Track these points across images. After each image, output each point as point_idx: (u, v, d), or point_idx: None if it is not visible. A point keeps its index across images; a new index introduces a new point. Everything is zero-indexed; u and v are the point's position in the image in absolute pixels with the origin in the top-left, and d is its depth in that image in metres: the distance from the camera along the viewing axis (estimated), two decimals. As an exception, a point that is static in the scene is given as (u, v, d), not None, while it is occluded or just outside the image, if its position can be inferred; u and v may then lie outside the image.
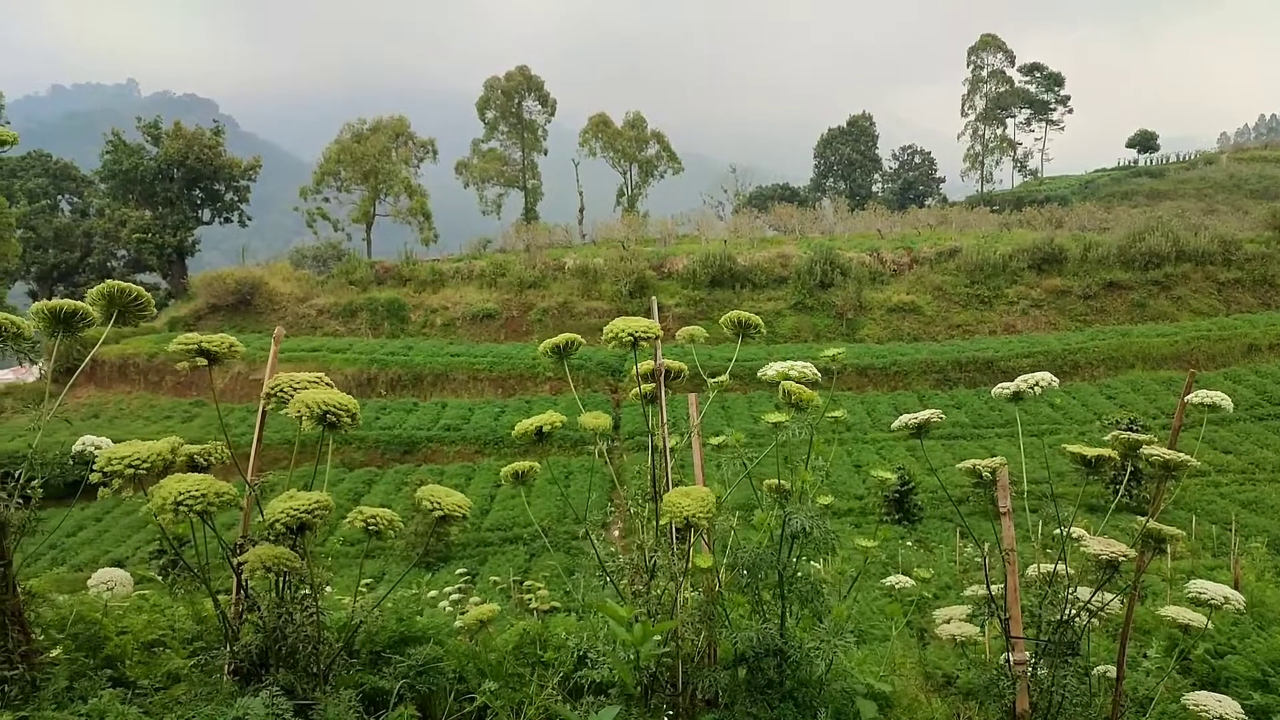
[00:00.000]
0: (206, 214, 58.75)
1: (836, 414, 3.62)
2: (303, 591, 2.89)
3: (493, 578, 14.56)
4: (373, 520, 2.93)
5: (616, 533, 30.44)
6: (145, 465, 2.44)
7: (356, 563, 22.56)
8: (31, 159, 59.60)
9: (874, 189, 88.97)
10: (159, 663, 3.42)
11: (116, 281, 3.02)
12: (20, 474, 2.56)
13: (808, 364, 3.50)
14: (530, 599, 9.90)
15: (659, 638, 2.82)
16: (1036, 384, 3.70)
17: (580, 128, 72.36)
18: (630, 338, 2.94)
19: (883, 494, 26.42)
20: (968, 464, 3.64)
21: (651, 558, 3.18)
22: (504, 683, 3.97)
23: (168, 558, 22.45)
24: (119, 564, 25.77)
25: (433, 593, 12.44)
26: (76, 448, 2.81)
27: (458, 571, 14.69)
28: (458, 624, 4.57)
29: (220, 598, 3.68)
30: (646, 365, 3.31)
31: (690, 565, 3.08)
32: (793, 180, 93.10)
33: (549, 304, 48.57)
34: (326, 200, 60.12)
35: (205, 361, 2.73)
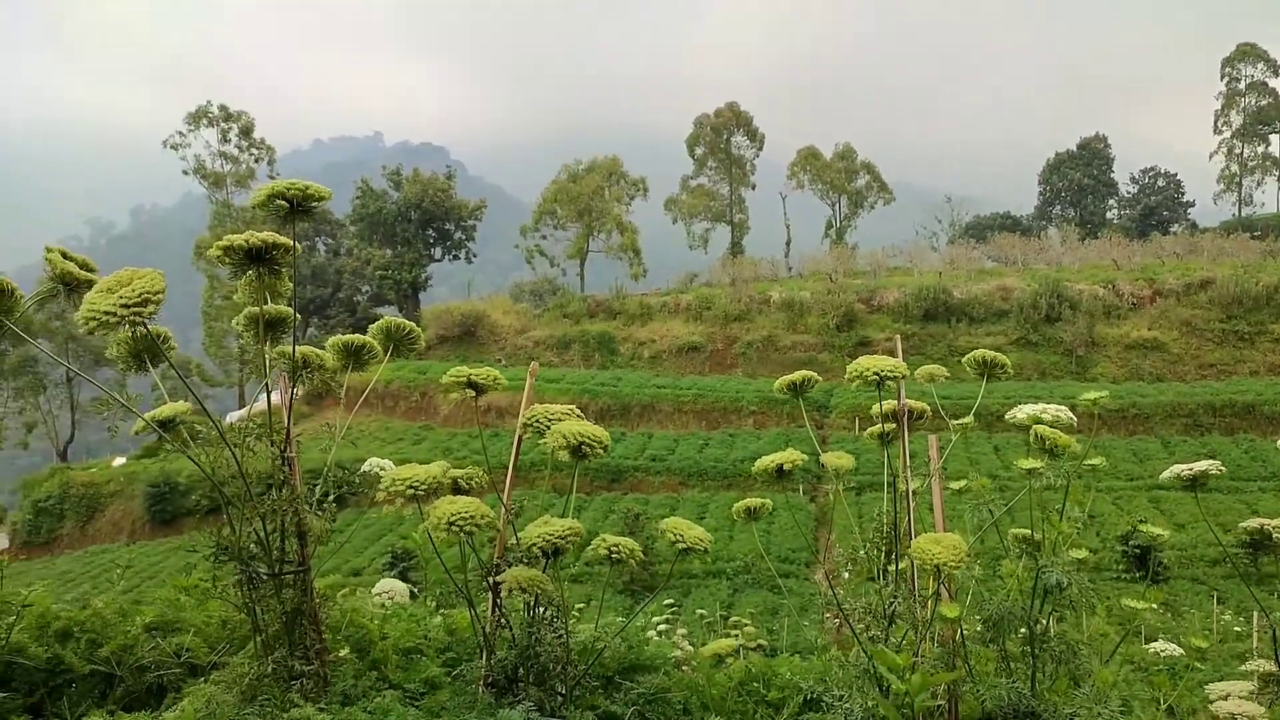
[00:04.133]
0: (438, 252, 63.80)
1: (1095, 462, 3.36)
2: (549, 612, 3.04)
3: (699, 610, 14.62)
4: (615, 548, 3.04)
5: (824, 573, 29.61)
6: (423, 487, 2.69)
7: (565, 587, 23.33)
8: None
9: (1108, 216, 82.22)
10: (417, 669, 3.70)
11: (393, 318, 3.35)
12: (318, 488, 2.88)
13: (1062, 407, 3.29)
14: (736, 635, 9.85)
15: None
16: (1339, 436, 3.26)
17: (787, 161, 72.20)
18: (876, 376, 2.90)
19: (1120, 549, 24.10)
20: (1254, 522, 3.26)
21: (891, 604, 3.08)
22: (727, 718, 3.96)
23: (401, 569, 24.26)
24: (356, 573, 28.18)
25: (639, 622, 12.65)
26: (365, 467, 3.13)
27: (665, 602, 14.83)
28: (676, 654, 4.63)
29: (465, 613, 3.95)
30: (890, 404, 3.23)
31: (934, 614, 2.96)
32: (1014, 208, 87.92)
33: (753, 337, 48.53)
34: (544, 238, 63.55)
35: (473, 392, 2.97)
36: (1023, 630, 3.24)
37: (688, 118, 72.41)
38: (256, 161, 62.82)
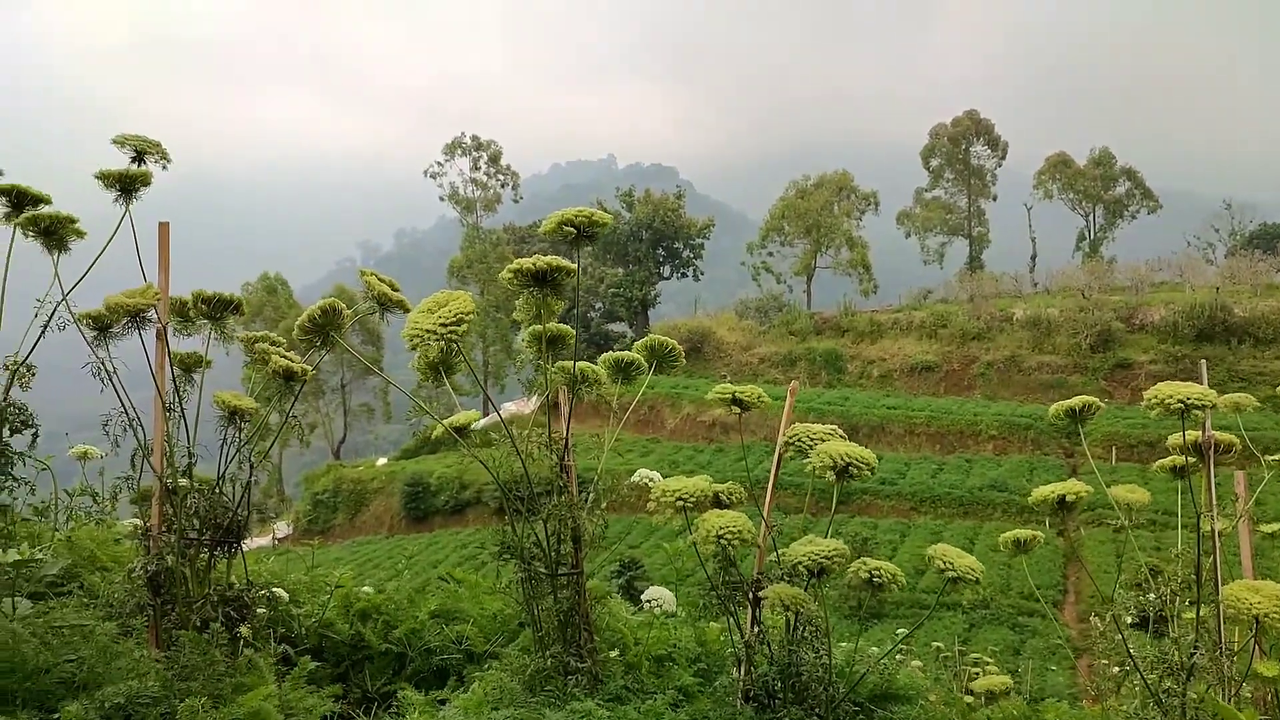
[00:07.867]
0: (666, 270, 65.46)
1: None
2: (809, 631, 3.03)
3: (935, 643, 13.88)
4: (877, 572, 2.98)
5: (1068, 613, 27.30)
6: (690, 499, 2.78)
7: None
8: (538, 227, 71.84)
9: None
10: (669, 676, 3.81)
11: (657, 336, 3.52)
12: (589, 495, 3.05)
13: None
14: (978, 674, 9.29)
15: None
16: None
17: (1031, 170, 67.63)
18: (1180, 404, 2.65)
19: None
20: None
21: (1191, 655, 2.79)
22: (986, 762, 3.75)
23: (628, 577, 24.99)
24: (589, 577, 29.32)
25: (874, 650, 12.24)
26: (634, 479, 3.29)
27: (898, 631, 14.26)
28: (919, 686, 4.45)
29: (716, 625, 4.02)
30: (1193, 435, 2.95)
31: (1247, 671, 2.65)
32: (1311, 214, 76.71)
33: (993, 357, 45.69)
34: (770, 255, 63.42)
35: (739, 409, 3.03)
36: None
37: (920, 129, 69.74)
38: (503, 186, 67.63)
